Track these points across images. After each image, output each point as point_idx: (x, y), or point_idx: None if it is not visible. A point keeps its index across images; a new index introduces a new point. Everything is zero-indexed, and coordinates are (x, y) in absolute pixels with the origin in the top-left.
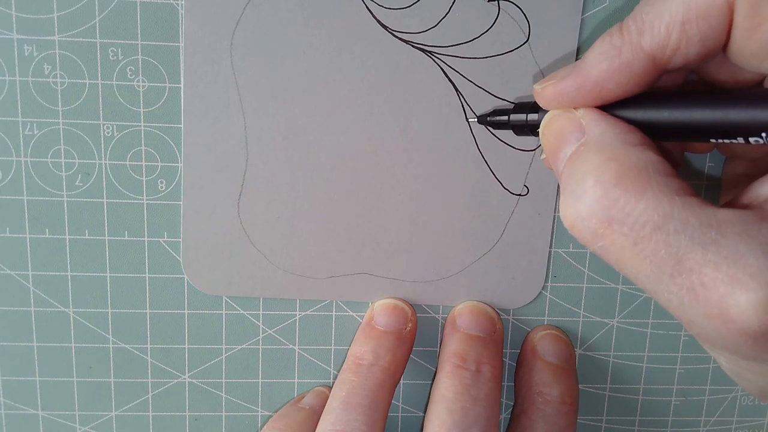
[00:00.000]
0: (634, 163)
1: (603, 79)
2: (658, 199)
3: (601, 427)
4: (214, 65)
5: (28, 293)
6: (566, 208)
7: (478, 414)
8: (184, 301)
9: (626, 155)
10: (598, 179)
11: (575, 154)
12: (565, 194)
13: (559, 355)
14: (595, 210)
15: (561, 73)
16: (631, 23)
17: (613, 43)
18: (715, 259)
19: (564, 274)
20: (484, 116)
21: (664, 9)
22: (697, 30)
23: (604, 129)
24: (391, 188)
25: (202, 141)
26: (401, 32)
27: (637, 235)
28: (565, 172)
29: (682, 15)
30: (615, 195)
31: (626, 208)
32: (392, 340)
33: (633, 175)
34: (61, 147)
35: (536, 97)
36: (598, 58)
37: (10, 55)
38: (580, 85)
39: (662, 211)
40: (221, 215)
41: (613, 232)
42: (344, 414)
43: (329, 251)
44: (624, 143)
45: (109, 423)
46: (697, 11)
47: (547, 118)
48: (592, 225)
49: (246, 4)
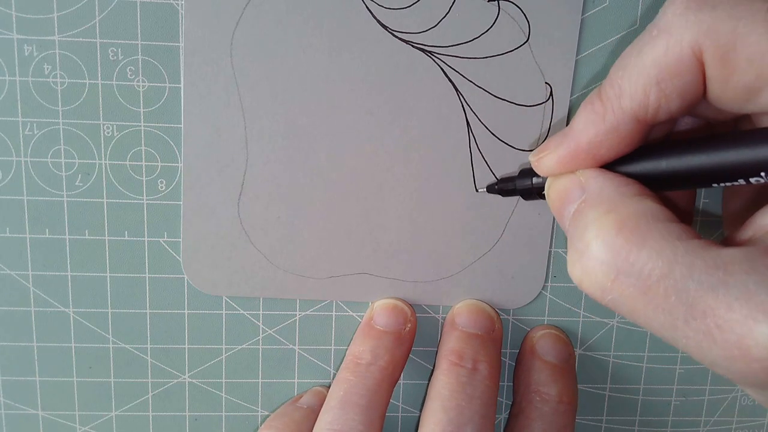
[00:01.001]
0: (633, 212)
1: (594, 145)
2: (660, 246)
3: (601, 427)
4: (214, 65)
5: (28, 293)
6: (573, 265)
7: (473, 412)
8: (184, 301)
9: (624, 206)
10: (599, 232)
11: (577, 212)
12: (571, 251)
13: (558, 355)
14: (599, 264)
15: (553, 142)
16: (609, 89)
17: (595, 110)
18: (726, 300)
19: (564, 274)
20: (492, 185)
21: (638, 72)
22: (673, 87)
23: (602, 184)
24: (391, 188)
25: (202, 141)
26: (401, 32)
27: (644, 284)
28: (570, 230)
29: (656, 76)
30: (617, 246)
31: (630, 258)
32: (391, 340)
33: (632, 224)
34: (61, 147)
35: (534, 167)
36: (584, 126)
37: (10, 55)
38: (573, 153)
39: (666, 257)
40: (221, 215)
41: (621, 284)
42: (342, 413)
43: (329, 251)
44: (622, 195)
45: (109, 423)
46: (669, 71)
47: (549, 180)
48: (599, 279)
49: (246, 4)
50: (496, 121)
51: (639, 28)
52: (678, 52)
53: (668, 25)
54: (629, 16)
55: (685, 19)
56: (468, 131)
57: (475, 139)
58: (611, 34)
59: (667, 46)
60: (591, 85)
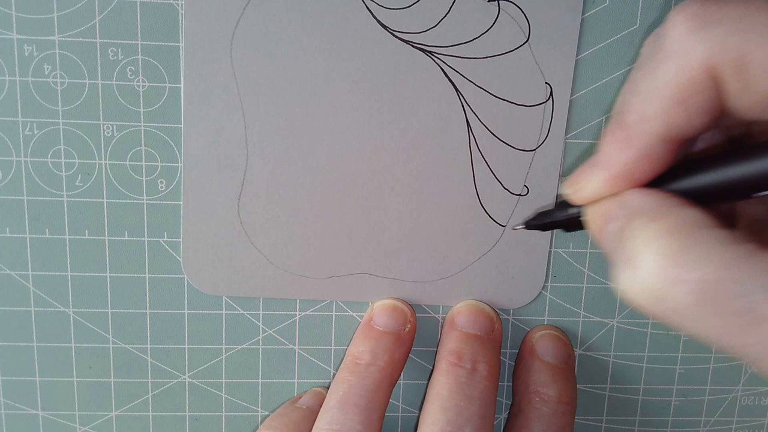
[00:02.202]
0: (683, 220)
1: (627, 171)
2: (716, 250)
3: (601, 427)
4: (214, 65)
5: (28, 293)
6: (625, 281)
7: (472, 412)
8: (184, 301)
9: (673, 214)
10: (650, 243)
11: (621, 228)
12: (621, 266)
13: (557, 355)
14: (653, 274)
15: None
16: (628, 115)
17: (620, 138)
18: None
19: (564, 274)
20: (530, 221)
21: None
22: (694, 104)
23: (644, 198)
24: (391, 188)
25: (202, 141)
26: (401, 32)
27: (702, 290)
28: (613, 247)
29: (674, 96)
30: (669, 253)
31: (685, 265)
32: (391, 340)
33: (684, 231)
34: (61, 147)
35: (572, 201)
36: (614, 156)
37: (10, 55)
38: (609, 180)
39: (720, 261)
40: (221, 215)
41: (677, 293)
42: (340, 414)
43: (329, 251)
44: (667, 205)
45: (109, 423)
46: (686, 89)
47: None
48: (654, 288)
49: (246, 4)
50: (496, 121)
51: (639, 28)
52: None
53: (674, 47)
54: (629, 16)
55: (690, 39)
56: (468, 131)
57: (475, 139)
58: (611, 34)
59: (678, 67)
60: (591, 85)
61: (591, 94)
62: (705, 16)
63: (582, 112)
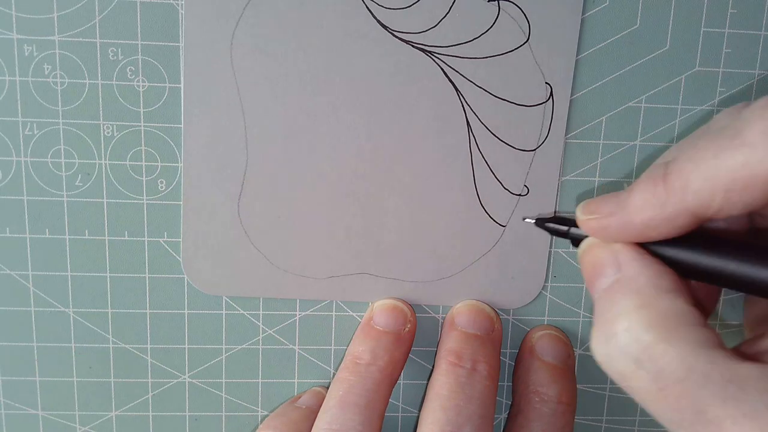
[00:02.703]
0: (664, 312)
1: (646, 227)
2: (684, 351)
3: (601, 427)
4: (214, 65)
5: (28, 293)
6: (597, 346)
7: (471, 412)
8: (184, 301)
9: (658, 303)
10: (629, 325)
11: (610, 290)
12: (597, 331)
13: (557, 355)
14: (623, 355)
15: (606, 208)
16: (676, 179)
17: (657, 195)
18: (734, 414)
19: (564, 274)
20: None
21: (709, 174)
22: (739, 199)
23: (639, 270)
24: (391, 188)
25: (202, 141)
26: (401, 32)
27: (662, 383)
28: (599, 305)
29: (726, 184)
30: (644, 343)
31: (653, 357)
32: (390, 340)
33: (662, 324)
34: (61, 147)
35: (579, 224)
36: (642, 208)
37: (10, 55)
38: (623, 228)
39: (687, 363)
40: (221, 215)
41: (640, 377)
42: (340, 413)
43: (329, 251)
44: (656, 289)
45: (109, 423)
46: (741, 183)
47: (586, 243)
48: (621, 367)
49: (246, 4)
50: (496, 121)
51: (639, 28)
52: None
53: (753, 140)
54: (629, 16)
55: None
56: (468, 131)
57: (475, 139)
58: (611, 34)
59: (746, 160)
60: (591, 85)
61: (591, 94)
62: None
63: (582, 112)
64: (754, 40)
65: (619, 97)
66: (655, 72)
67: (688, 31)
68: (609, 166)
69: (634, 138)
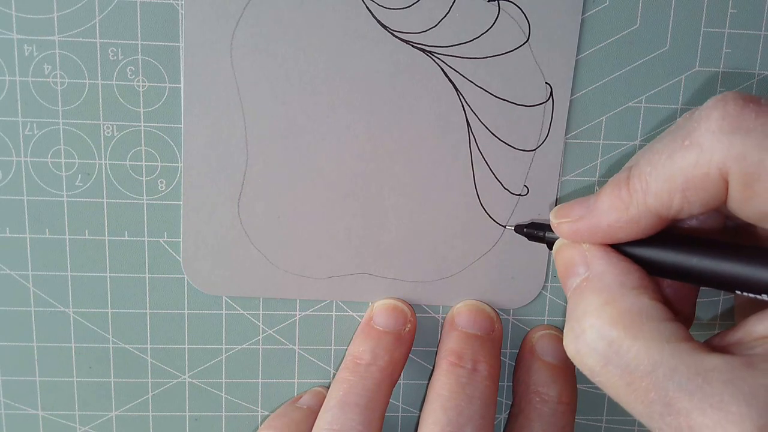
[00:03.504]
0: (628, 308)
1: (613, 228)
2: (648, 345)
3: (601, 427)
4: (214, 65)
5: (28, 293)
6: (568, 342)
7: (472, 412)
8: (184, 301)
9: (622, 300)
10: (595, 322)
11: (578, 288)
12: (567, 328)
13: (557, 355)
14: (592, 350)
15: (575, 211)
16: (637, 182)
17: (621, 197)
18: (701, 405)
19: None
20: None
21: (665, 175)
22: (696, 197)
23: (605, 269)
24: (391, 188)
25: (202, 141)
26: (401, 32)
27: (629, 377)
28: (569, 304)
29: (682, 184)
30: (609, 339)
31: (619, 352)
32: (391, 340)
33: (627, 320)
34: (61, 147)
35: (553, 228)
36: (608, 211)
37: (10, 55)
38: (591, 230)
39: (652, 357)
40: (221, 215)
41: (608, 372)
42: (341, 413)
43: (329, 251)
44: (621, 286)
45: (109, 423)
46: (695, 182)
47: (558, 244)
48: (590, 363)
49: (246, 4)
50: (496, 121)
51: (639, 28)
52: (706, 168)
53: (701, 140)
54: (629, 16)
55: (718, 139)
56: (468, 131)
57: (475, 139)
58: (611, 34)
59: (696, 160)
60: (591, 85)
61: (591, 94)
62: (739, 121)
63: (582, 112)
64: (754, 40)
65: (619, 97)
66: (655, 72)
67: (688, 31)
68: (609, 166)
69: (634, 138)
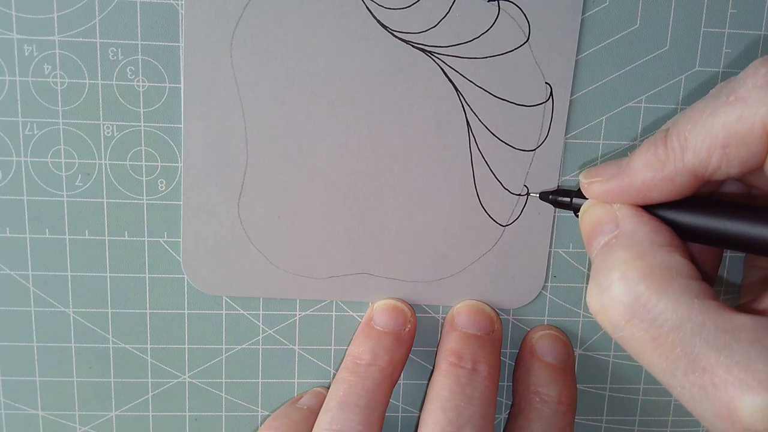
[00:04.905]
0: (659, 263)
1: (646, 188)
2: (677, 300)
3: (601, 427)
4: (214, 65)
5: (28, 293)
6: (592, 297)
7: (472, 413)
8: (184, 301)
9: (653, 255)
10: (624, 275)
11: (607, 245)
12: (593, 283)
13: (557, 355)
14: (617, 304)
15: (607, 171)
16: (675, 139)
17: (657, 155)
18: (726, 362)
19: (564, 274)
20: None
21: (706, 131)
22: (737, 154)
23: (636, 226)
24: (390, 188)
25: (202, 141)
26: (401, 32)
27: (655, 332)
28: (596, 261)
29: (723, 140)
30: (637, 292)
31: (647, 306)
32: (391, 340)
33: (656, 275)
34: (61, 147)
35: (582, 189)
36: (642, 168)
37: (10, 55)
38: (624, 189)
39: (680, 312)
40: (221, 215)
41: (633, 327)
42: (341, 414)
43: (329, 251)
44: (652, 243)
45: (109, 423)
46: (737, 138)
47: (587, 204)
48: (615, 317)
49: (246, 4)
50: (496, 121)
51: (639, 28)
52: (750, 123)
53: (746, 96)
54: (629, 16)
55: (765, 93)
56: (468, 131)
57: (475, 139)
58: (611, 34)
59: (740, 114)
60: (591, 85)
61: (591, 94)
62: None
63: (582, 112)
64: (754, 40)
65: (619, 97)
66: (655, 72)
67: (688, 31)
68: None
69: (634, 138)
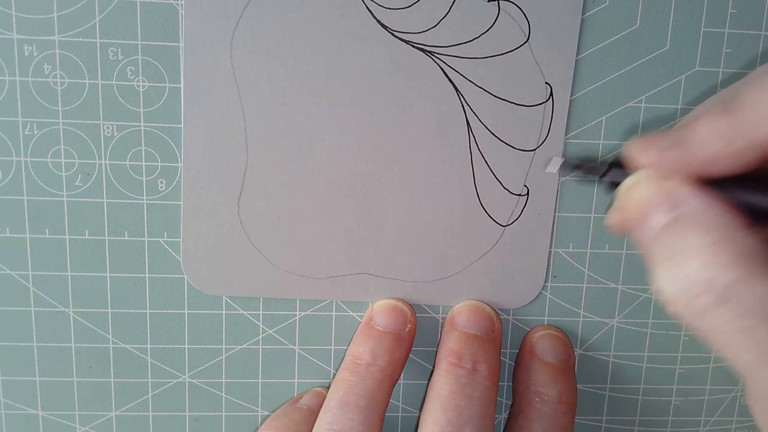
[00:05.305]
0: (747, 248)
1: (709, 162)
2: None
3: (601, 427)
4: (214, 65)
5: (28, 293)
6: (669, 283)
7: (472, 413)
8: (184, 301)
9: (737, 238)
10: (712, 260)
11: (671, 227)
12: (666, 268)
13: (557, 356)
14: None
15: (664, 141)
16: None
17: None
18: None
19: (564, 274)
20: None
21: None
22: None
23: (705, 206)
24: (390, 188)
25: (202, 141)
26: (401, 32)
27: (747, 320)
28: (661, 243)
29: None
30: (726, 279)
31: (738, 294)
32: (391, 340)
33: (746, 260)
34: (61, 147)
35: (630, 155)
36: (707, 141)
37: (10, 55)
38: (684, 162)
39: None
40: (221, 215)
41: (723, 315)
42: (341, 414)
43: (329, 251)
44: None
45: (109, 423)
46: None
47: (630, 181)
48: (697, 306)
49: (246, 4)
50: (496, 121)
51: (639, 28)
52: None
53: None
54: (629, 16)
55: None
56: (468, 131)
57: (475, 139)
58: (611, 34)
59: None
60: (591, 85)
61: (591, 94)
62: None
63: (582, 112)
64: (754, 40)
65: (619, 97)
66: (655, 72)
67: (688, 31)
68: None
69: (634, 138)
